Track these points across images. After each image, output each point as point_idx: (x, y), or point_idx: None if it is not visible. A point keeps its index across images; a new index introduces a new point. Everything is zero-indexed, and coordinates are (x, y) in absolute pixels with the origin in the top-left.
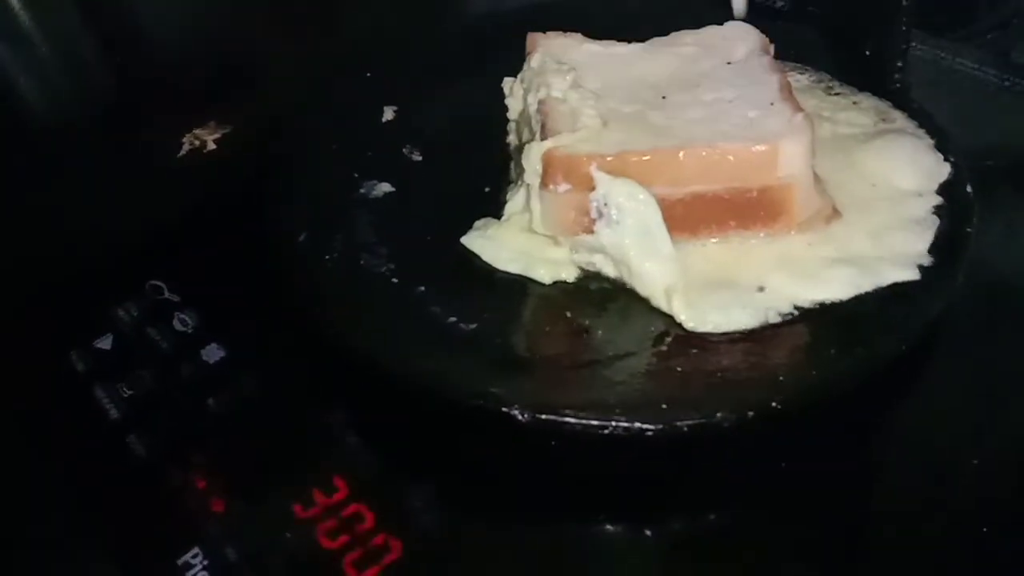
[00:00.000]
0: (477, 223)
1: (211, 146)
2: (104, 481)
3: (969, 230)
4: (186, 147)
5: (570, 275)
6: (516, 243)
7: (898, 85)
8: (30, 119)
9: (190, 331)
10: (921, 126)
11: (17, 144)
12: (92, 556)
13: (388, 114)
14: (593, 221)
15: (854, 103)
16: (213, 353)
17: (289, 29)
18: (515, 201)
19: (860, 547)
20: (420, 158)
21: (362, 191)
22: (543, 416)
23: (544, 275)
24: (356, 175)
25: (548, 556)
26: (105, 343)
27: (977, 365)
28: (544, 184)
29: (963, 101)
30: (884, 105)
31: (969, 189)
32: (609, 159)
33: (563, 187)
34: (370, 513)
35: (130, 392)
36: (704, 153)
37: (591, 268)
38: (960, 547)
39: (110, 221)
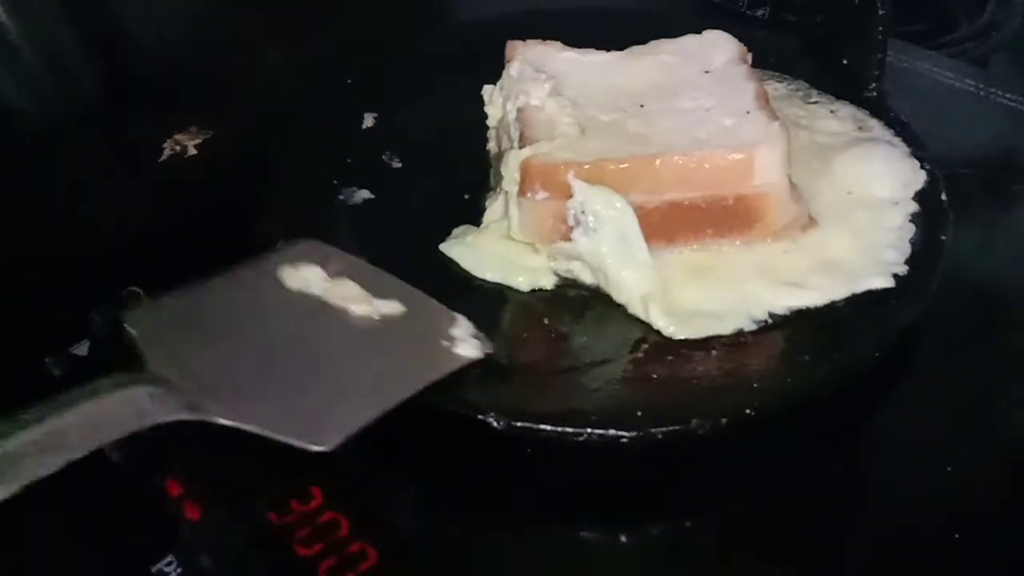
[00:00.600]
0: (456, 230)
1: (192, 151)
2: (79, 488)
3: (943, 238)
4: (167, 152)
5: (548, 282)
6: (495, 250)
7: (875, 93)
8: (7, 123)
9: None
10: (898, 134)
11: None
12: (67, 562)
13: (368, 120)
14: (571, 229)
15: (832, 111)
16: None
17: (272, 34)
18: (494, 208)
19: (837, 551)
20: (400, 165)
21: (341, 198)
22: (519, 424)
23: (522, 283)
24: (336, 182)
25: (524, 562)
26: (82, 349)
27: (954, 371)
28: (522, 192)
29: (942, 111)
30: (861, 113)
31: (944, 197)
32: (586, 167)
33: (541, 195)
34: (346, 521)
35: None
36: (680, 161)
37: (569, 275)
38: (938, 550)
39: (88, 226)
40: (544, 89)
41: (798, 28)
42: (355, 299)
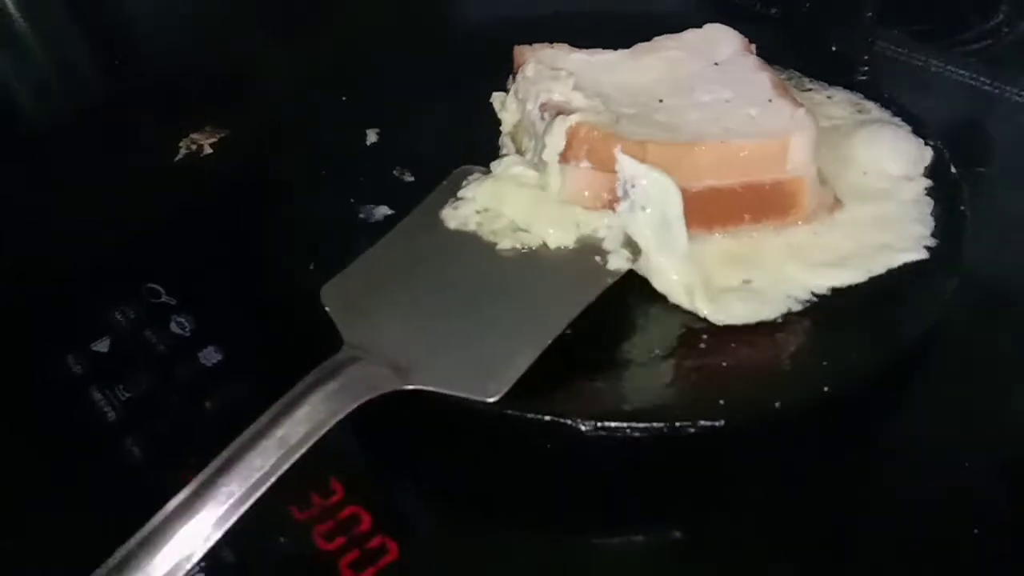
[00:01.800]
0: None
1: (207, 150)
2: (101, 483)
3: (963, 208)
4: (183, 151)
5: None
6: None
7: (865, 77)
8: (27, 122)
9: (187, 334)
10: (896, 114)
11: (13, 147)
12: (90, 558)
13: (372, 136)
14: (616, 200)
15: (828, 97)
16: (210, 356)
17: (286, 33)
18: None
19: (850, 548)
20: (412, 179)
21: (362, 216)
22: (607, 424)
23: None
24: (352, 200)
25: (546, 559)
26: (102, 346)
27: (971, 370)
28: (564, 158)
29: (955, 109)
30: (856, 97)
31: (954, 170)
32: (631, 143)
33: (584, 164)
34: (367, 515)
35: (127, 395)
36: (720, 148)
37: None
38: (955, 546)
39: (107, 224)
40: (568, 84)
41: (784, 17)
42: (502, 232)
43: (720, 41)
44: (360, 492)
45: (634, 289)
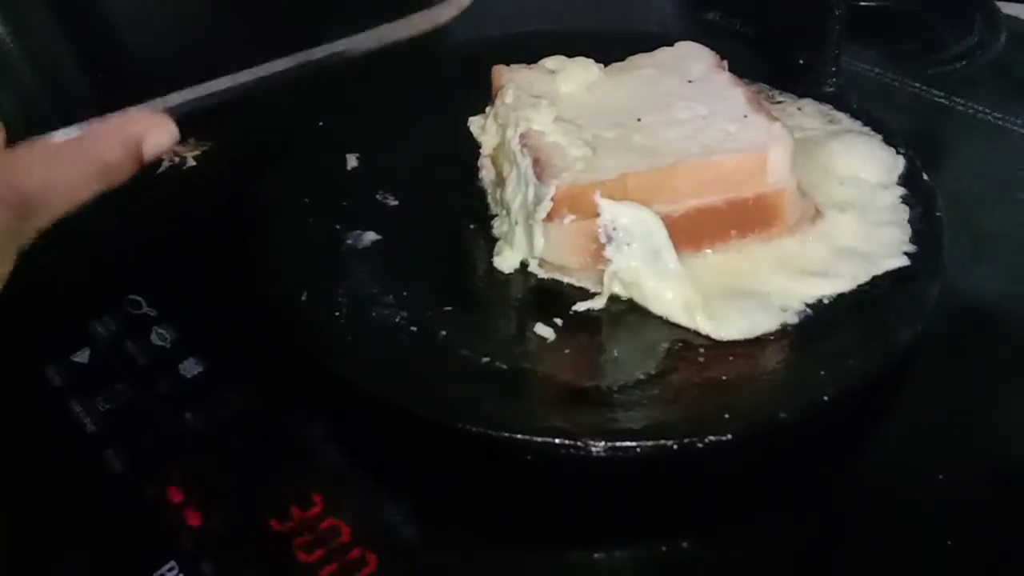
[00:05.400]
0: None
1: (191, 162)
2: (80, 495)
3: (939, 214)
4: (166, 163)
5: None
6: None
7: (833, 89)
8: (7, 132)
9: (168, 345)
10: (866, 124)
11: None
12: (68, 570)
13: (352, 162)
14: (602, 247)
15: (798, 109)
16: (191, 367)
17: (271, 45)
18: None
19: (829, 564)
20: (396, 203)
21: (349, 242)
22: (618, 444)
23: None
24: (338, 227)
25: (527, 573)
26: (82, 357)
27: (947, 388)
28: (549, 218)
29: (931, 128)
30: (826, 108)
31: (926, 177)
32: (610, 184)
33: (568, 218)
34: (346, 527)
35: (107, 406)
36: (700, 167)
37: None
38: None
39: (88, 235)
40: (547, 114)
41: (750, 32)
42: None
43: (692, 58)
44: (340, 504)
45: (631, 311)
